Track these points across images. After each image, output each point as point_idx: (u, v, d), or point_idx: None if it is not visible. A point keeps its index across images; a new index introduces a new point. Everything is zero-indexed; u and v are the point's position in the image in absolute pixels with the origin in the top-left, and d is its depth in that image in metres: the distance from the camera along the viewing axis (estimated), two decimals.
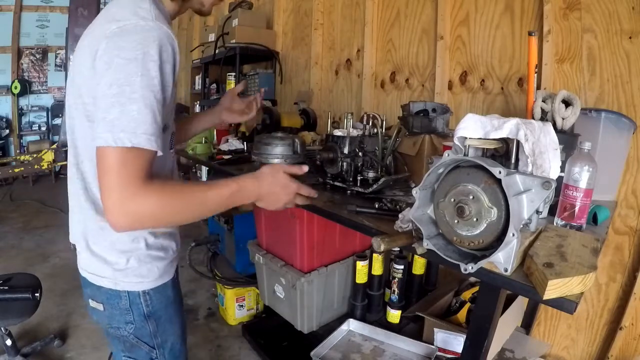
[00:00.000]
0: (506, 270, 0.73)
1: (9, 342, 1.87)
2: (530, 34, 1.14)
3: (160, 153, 0.75)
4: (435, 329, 1.48)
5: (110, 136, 0.69)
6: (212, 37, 3.45)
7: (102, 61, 0.72)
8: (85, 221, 0.89)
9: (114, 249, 0.88)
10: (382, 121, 1.50)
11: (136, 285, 0.90)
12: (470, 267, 0.75)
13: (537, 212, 0.78)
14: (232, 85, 3.22)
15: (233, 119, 1.32)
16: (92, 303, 0.93)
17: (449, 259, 0.79)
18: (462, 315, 1.53)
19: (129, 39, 0.70)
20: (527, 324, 1.66)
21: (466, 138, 0.84)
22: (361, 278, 1.72)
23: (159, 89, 0.73)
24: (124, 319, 0.91)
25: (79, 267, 0.94)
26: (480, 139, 0.83)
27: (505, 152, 0.84)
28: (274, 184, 0.91)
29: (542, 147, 0.86)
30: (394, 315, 1.72)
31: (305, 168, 0.98)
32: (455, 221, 0.77)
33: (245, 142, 2.24)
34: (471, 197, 0.75)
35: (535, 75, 1.15)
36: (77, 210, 0.90)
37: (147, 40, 0.71)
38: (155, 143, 0.73)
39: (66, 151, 0.97)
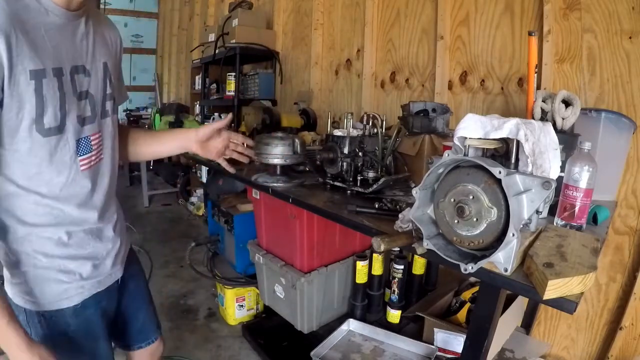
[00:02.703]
0: (506, 270, 0.73)
1: None
2: (530, 34, 1.14)
3: None
4: (435, 329, 1.48)
5: None
6: (212, 37, 3.45)
7: None
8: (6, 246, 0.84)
9: (8, 259, 0.82)
10: (382, 121, 1.50)
11: (26, 303, 0.84)
12: (470, 267, 0.75)
13: (537, 212, 0.78)
14: (232, 86, 3.21)
15: (206, 154, 1.16)
16: None
17: (449, 259, 0.79)
18: (462, 315, 1.53)
19: None
20: (527, 324, 1.66)
21: (466, 138, 0.84)
22: (361, 278, 1.72)
23: None
24: (31, 333, 0.84)
25: None
26: (480, 139, 0.83)
27: (505, 152, 0.84)
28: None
29: (542, 147, 0.86)
30: (394, 315, 1.72)
31: None
32: (455, 221, 0.77)
33: None
34: (471, 197, 0.75)
35: (535, 75, 1.15)
36: None
37: None
38: None
39: None
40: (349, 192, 1.38)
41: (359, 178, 1.39)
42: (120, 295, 1.06)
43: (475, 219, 0.74)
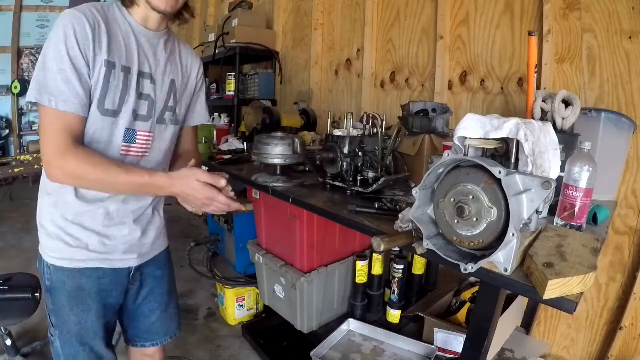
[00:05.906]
0: (506, 270, 0.73)
1: (9, 342, 1.87)
2: (530, 34, 1.14)
3: (82, 114, 0.88)
4: (435, 329, 1.48)
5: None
6: (212, 37, 3.45)
7: None
8: (40, 203, 1.03)
9: (42, 216, 1.02)
10: (382, 121, 1.50)
11: (44, 254, 1.02)
12: (471, 267, 0.75)
13: (537, 212, 0.78)
14: (232, 86, 3.21)
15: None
16: None
17: (449, 259, 0.79)
18: (462, 315, 1.53)
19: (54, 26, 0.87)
20: (527, 324, 1.66)
21: (466, 138, 0.84)
22: (361, 278, 1.72)
23: (67, 59, 0.85)
24: (42, 279, 1.04)
25: None
26: (480, 139, 0.83)
27: (505, 152, 0.84)
28: (186, 186, 0.94)
29: (542, 147, 0.86)
30: (394, 315, 1.72)
31: (223, 182, 0.96)
32: (455, 221, 0.77)
33: (245, 142, 2.25)
34: (471, 197, 0.75)
35: (535, 75, 1.15)
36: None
37: (58, 25, 0.86)
38: (65, 103, 0.85)
39: None
40: (349, 192, 1.38)
41: (359, 178, 1.39)
42: (136, 290, 1.15)
43: (475, 219, 0.74)
